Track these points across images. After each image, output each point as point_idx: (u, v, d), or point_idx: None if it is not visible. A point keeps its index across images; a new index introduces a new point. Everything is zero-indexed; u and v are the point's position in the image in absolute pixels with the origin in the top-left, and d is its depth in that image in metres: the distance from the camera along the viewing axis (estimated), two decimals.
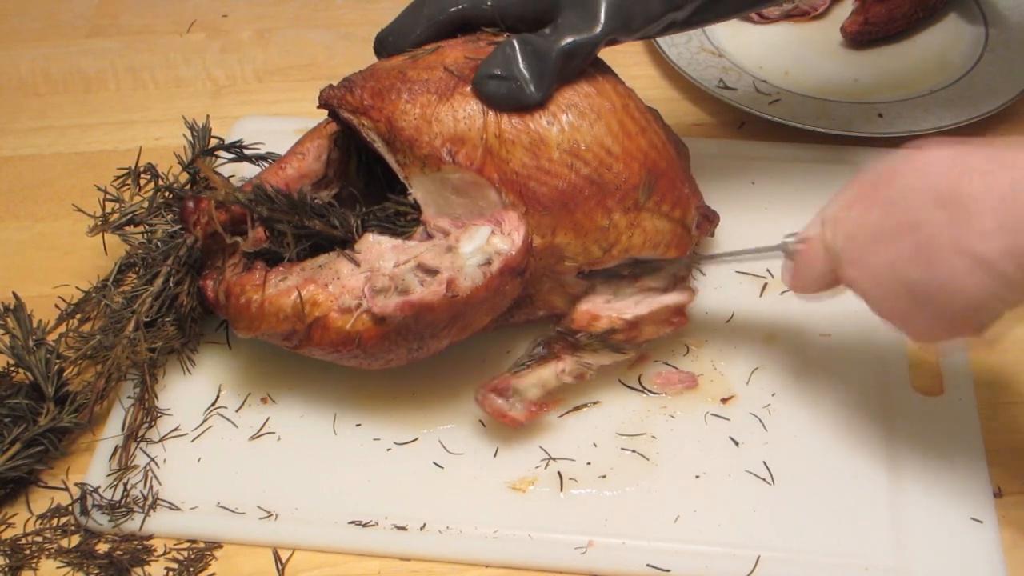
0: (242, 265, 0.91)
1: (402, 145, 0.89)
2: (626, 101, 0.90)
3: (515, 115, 0.87)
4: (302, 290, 0.87)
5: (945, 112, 1.20)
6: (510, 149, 0.87)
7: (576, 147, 0.87)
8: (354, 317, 0.86)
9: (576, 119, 0.87)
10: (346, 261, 0.88)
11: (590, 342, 0.93)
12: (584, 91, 0.89)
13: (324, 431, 0.96)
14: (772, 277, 1.05)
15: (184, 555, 0.88)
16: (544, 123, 0.87)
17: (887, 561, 0.85)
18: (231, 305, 0.90)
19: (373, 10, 1.45)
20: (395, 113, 0.88)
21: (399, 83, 0.89)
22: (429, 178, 0.89)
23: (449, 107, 0.87)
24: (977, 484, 0.89)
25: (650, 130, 0.91)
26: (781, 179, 1.14)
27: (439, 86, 0.88)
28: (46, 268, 1.12)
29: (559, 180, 0.87)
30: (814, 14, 1.37)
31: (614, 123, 0.88)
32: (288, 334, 0.89)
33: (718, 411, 0.96)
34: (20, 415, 0.93)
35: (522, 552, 0.87)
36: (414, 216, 0.91)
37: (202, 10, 1.45)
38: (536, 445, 0.94)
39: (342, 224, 0.90)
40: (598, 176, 0.88)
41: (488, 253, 0.85)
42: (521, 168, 0.87)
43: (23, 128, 1.30)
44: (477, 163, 0.87)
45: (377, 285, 0.86)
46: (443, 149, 0.87)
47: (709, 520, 0.88)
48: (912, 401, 0.95)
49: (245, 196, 0.88)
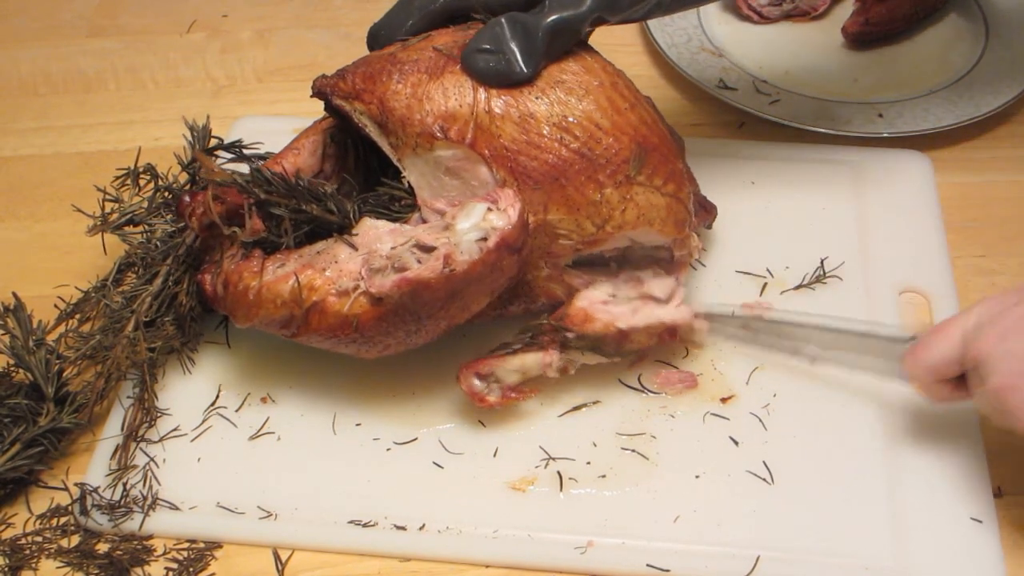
0: (240, 255, 0.91)
1: (394, 126, 0.89)
2: (615, 79, 0.91)
3: (505, 91, 0.88)
4: (300, 275, 0.88)
5: (945, 112, 1.20)
6: (500, 124, 0.87)
7: (565, 121, 0.88)
8: (351, 299, 0.86)
9: (565, 95, 0.88)
10: (344, 246, 0.89)
11: (579, 344, 0.93)
12: (573, 69, 0.90)
13: (324, 431, 0.96)
14: (772, 277, 1.05)
15: (184, 555, 0.88)
16: (533, 98, 0.88)
17: (887, 561, 0.85)
18: (229, 293, 0.90)
19: (373, 10, 1.44)
20: (386, 94, 0.89)
21: (389, 65, 0.90)
22: (422, 159, 0.89)
23: (439, 85, 0.88)
24: (977, 484, 0.89)
25: (640, 106, 0.92)
26: (781, 179, 1.14)
27: (429, 65, 0.89)
28: (46, 268, 1.12)
29: (549, 154, 0.88)
30: (814, 14, 1.37)
31: (603, 98, 0.89)
32: (286, 320, 0.89)
33: (718, 411, 0.96)
34: (20, 415, 0.93)
35: (522, 552, 0.87)
36: (409, 201, 0.92)
37: (202, 10, 1.45)
38: (536, 445, 0.94)
39: (339, 210, 0.90)
40: (588, 150, 0.88)
41: (484, 229, 0.86)
42: (511, 143, 0.87)
43: (23, 128, 1.30)
44: (469, 138, 0.87)
45: (374, 265, 0.86)
46: (435, 126, 0.87)
47: (709, 520, 0.88)
48: (912, 401, 0.95)
49: (243, 178, 0.88)
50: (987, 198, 1.15)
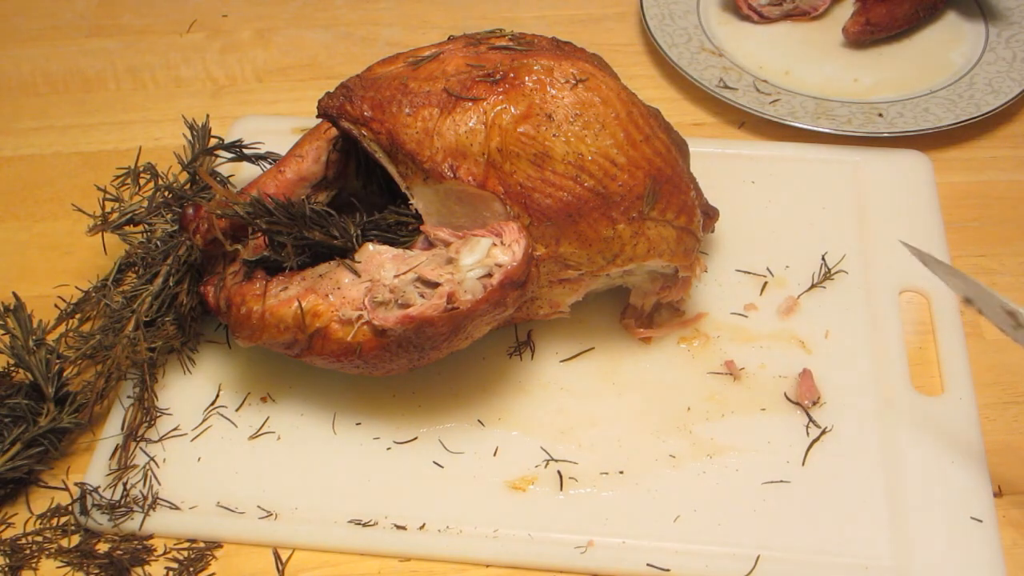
0: (242, 273, 0.91)
1: (404, 158, 0.88)
2: (630, 108, 0.89)
3: (520, 126, 0.86)
4: (303, 300, 0.87)
5: (945, 112, 1.20)
6: (514, 162, 0.86)
7: (581, 159, 0.87)
8: (355, 328, 0.86)
9: (582, 129, 0.87)
10: (346, 271, 0.88)
11: None
12: (591, 101, 0.88)
13: (324, 430, 0.96)
14: (772, 276, 1.05)
15: (184, 555, 0.88)
16: (551, 135, 0.87)
17: (887, 561, 0.85)
18: (232, 315, 0.90)
19: (373, 10, 1.45)
20: (396, 127, 0.88)
21: (400, 95, 0.89)
22: (432, 189, 0.89)
23: (451, 121, 0.87)
24: (977, 484, 0.89)
25: (654, 137, 0.90)
26: (781, 179, 1.14)
27: (441, 98, 0.88)
28: (46, 268, 1.12)
29: (564, 192, 0.87)
30: (814, 14, 1.37)
31: (619, 132, 0.88)
32: (289, 343, 0.89)
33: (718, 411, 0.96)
34: (20, 415, 0.93)
35: (522, 551, 0.87)
36: (415, 226, 0.91)
37: (202, 10, 1.45)
38: (536, 445, 0.94)
39: (342, 234, 0.89)
40: (603, 187, 0.87)
41: (488, 265, 0.85)
42: (526, 180, 0.86)
43: (23, 128, 1.30)
44: (479, 177, 0.87)
45: (378, 298, 0.86)
46: (444, 164, 0.87)
47: (709, 520, 0.88)
48: (912, 401, 0.95)
49: (244, 208, 0.88)
50: (987, 198, 1.15)
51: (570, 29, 1.39)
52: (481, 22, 1.40)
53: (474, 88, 0.87)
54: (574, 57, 0.92)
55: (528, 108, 0.87)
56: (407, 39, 1.38)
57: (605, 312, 1.02)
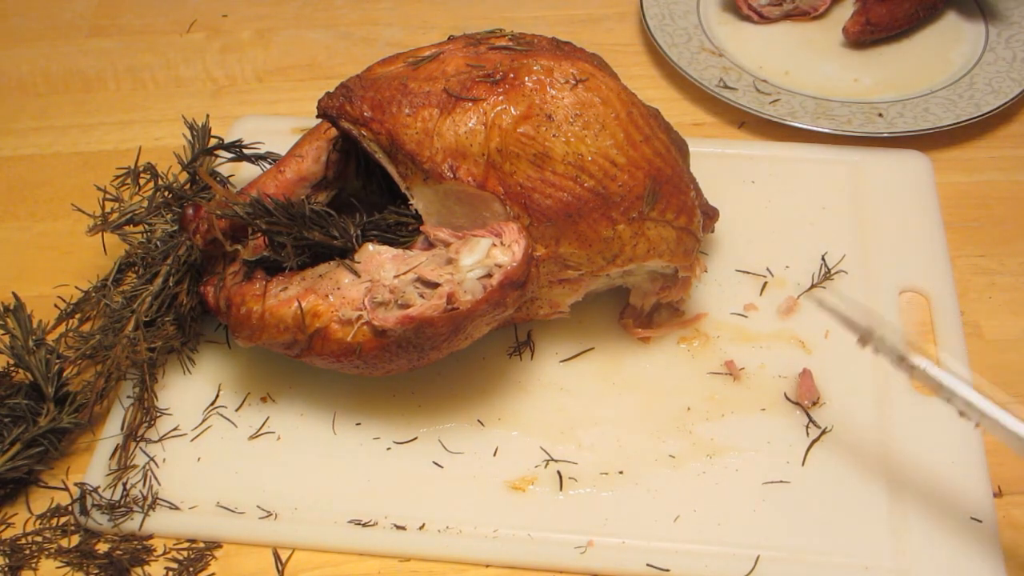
0: (242, 274, 0.91)
1: (404, 158, 0.88)
2: (630, 108, 0.90)
3: (519, 126, 0.86)
4: (303, 301, 0.87)
5: (945, 112, 1.20)
6: (514, 162, 0.86)
7: (581, 159, 0.87)
8: (355, 329, 0.86)
9: (582, 129, 0.87)
10: (346, 271, 0.88)
11: None
12: (591, 101, 0.88)
13: (324, 430, 0.96)
14: (772, 276, 1.05)
15: (184, 555, 0.88)
16: (551, 135, 0.87)
17: (887, 561, 0.85)
18: (232, 315, 0.90)
19: (373, 10, 1.45)
20: (396, 127, 0.88)
21: (400, 95, 0.89)
22: (431, 189, 0.89)
23: (451, 121, 0.87)
24: (977, 484, 0.89)
25: (654, 137, 0.90)
26: (781, 179, 1.14)
27: (441, 99, 0.88)
28: (46, 268, 1.12)
29: (564, 192, 0.87)
30: (814, 14, 1.37)
31: (619, 133, 0.88)
32: (289, 344, 0.89)
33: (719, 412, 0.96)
34: (20, 415, 0.93)
35: (522, 552, 0.87)
36: (415, 226, 0.91)
37: (202, 10, 1.45)
38: (536, 445, 0.94)
39: (342, 234, 0.89)
40: (603, 188, 0.87)
41: (488, 266, 0.85)
42: (526, 180, 0.87)
43: (23, 128, 1.30)
44: (479, 178, 0.87)
45: (378, 298, 0.86)
46: (444, 164, 0.87)
47: (709, 520, 0.88)
48: (912, 401, 0.95)
49: (243, 209, 0.88)
50: (987, 198, 1.15)
51: (570, 29, 1.39)
52: (481, 22, 1.40)
53: (474, 88, 0.87)
54: (574, 57, 0.92)
55: (528, 108, 0.87)
56: (407, 39, 1.38)
57: (605, 312, 1.02)
